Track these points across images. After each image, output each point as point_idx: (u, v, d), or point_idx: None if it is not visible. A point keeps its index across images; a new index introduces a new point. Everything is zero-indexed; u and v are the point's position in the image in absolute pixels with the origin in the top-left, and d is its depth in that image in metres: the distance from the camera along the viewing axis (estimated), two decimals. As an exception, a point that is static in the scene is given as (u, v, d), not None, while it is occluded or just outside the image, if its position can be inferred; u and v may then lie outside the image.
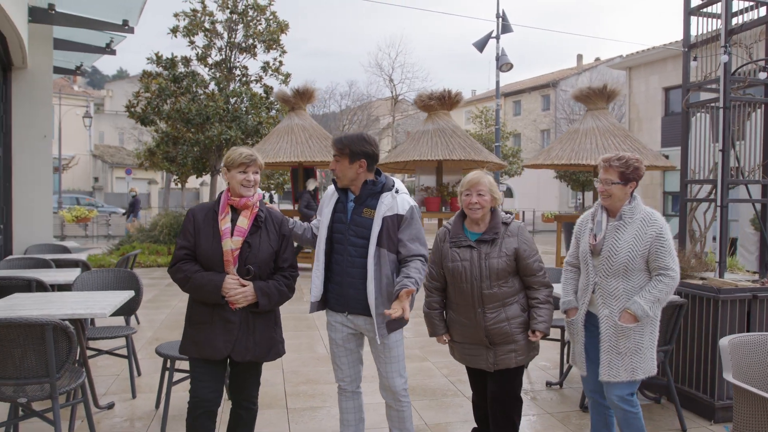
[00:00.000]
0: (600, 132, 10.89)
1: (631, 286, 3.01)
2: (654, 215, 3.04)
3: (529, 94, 42.32)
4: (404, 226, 2.96)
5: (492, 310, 3.01)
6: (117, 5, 6.73)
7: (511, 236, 3.04)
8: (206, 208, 2.95)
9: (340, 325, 3.08)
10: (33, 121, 6.95)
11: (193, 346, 2.87)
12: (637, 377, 3.02)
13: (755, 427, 2.41)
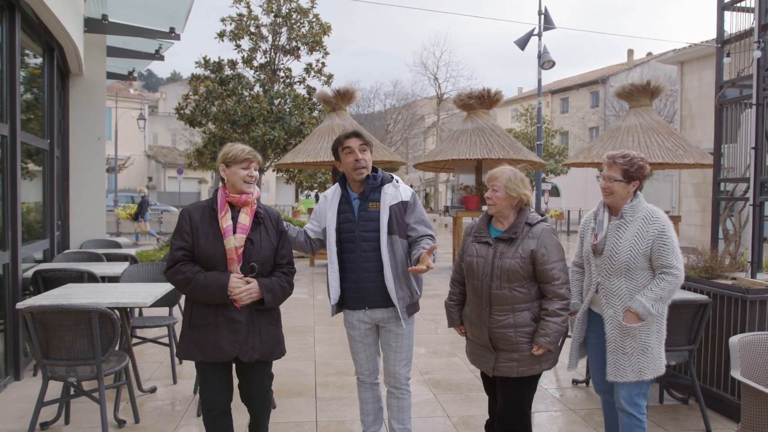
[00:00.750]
0: (643, 129, 10.66)
1: (634, 285, 2.95)
2: (656, 213, 2.95)
3: (577, 91, 41.39)
4: (409, 211, 3.09)
5: (499, 313, 2.91)
6: (164, 14, 7.11)
7: (532, 238, 2.90)
8: (202, 207, 2.87)
9: (358, 322, 3.16)
10: (88, 124, 7.42)
11: (197, 349, 2.76)
12: (645, 377, 2.94)
13: (763, 424, 2.42)
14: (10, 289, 4.62)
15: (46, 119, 5.96)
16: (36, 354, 3.37)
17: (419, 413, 4.13)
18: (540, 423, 3.98)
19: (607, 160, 3.03)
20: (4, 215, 4.58)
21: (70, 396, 3.72)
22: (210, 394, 2.84)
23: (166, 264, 2.80)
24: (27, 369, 4.82)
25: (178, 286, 2.79)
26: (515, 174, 2.98)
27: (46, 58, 5.90)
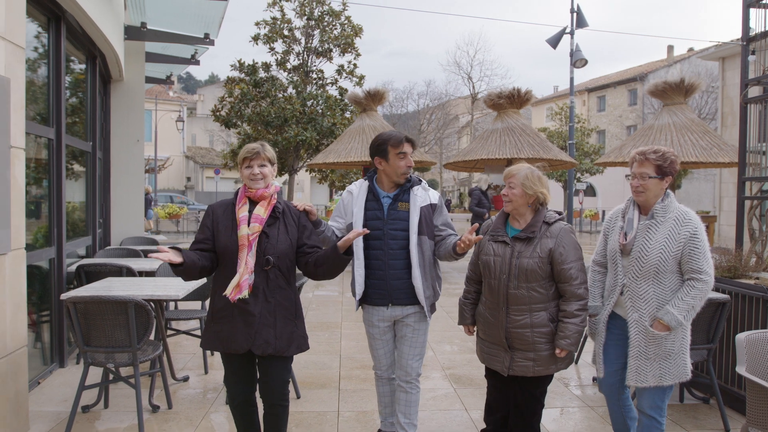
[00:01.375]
0: (676, 128, 10.50)
1: (662, 290, 2.85)
2: (689, 214, 2.85)
3: (614, 89, 40.56)
4: (437, 213, 3.20)
5: (517, 313, 2.90)
6: (199, 21, 7.41)
7: (550, 237, 2.88)
8: (225, 203, 2.97)
9: (379, 321, 3.24)
10: (128, 127, 7.78)
11: (218, 341, 2.86)
12: (665, 383, 2.87)
13: (767, 419, 2.46)
14: (55, 282, 4.94)
15: (89, 123, 6.30)
16: (78, 341, 3.63)
17: (438, 406, 4.25)
18: (557, 419, 4.04)
19: (638, 157, 2.91)
20: (50, 213, 4.89)
21: (108, 381, 3.97)
22: (232, 383, 2.95)
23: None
24: (71, 357, 5.13)
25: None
26: (532, 172, 2.95)
27: (89, 65, 6.23)
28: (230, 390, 2.98)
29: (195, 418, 3.93)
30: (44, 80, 4.81)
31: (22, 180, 3.62)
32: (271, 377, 2.89)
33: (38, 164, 4.80)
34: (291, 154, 15.93)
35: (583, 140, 30.72)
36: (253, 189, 2.87)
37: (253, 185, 2.87)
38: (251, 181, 2.87)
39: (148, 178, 33.05)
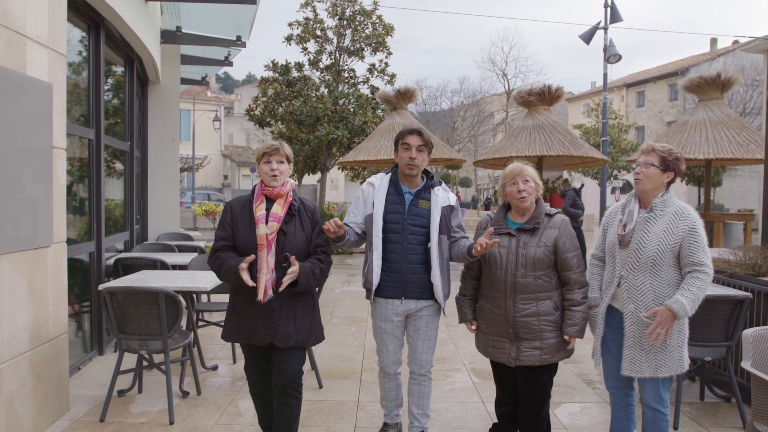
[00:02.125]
0: (712, 124, 10.25)
1: (658, 282, 2.87)
2: (687, 209, 2.89)
3: (654, 84, 39.53)
4: (453, 215, 3.27)
5: (524, 302, 3.00)
6: (231, 24, 7.66)
7: (553, 227, 3.02)
8: (242, 200, 3.03)
9: (393, 315, 3.26)
10: (164, 127, 8.11)
11: (240, 332, 2.96)
12: (660, 375, 2.89)
13: (771, 413, 2.48)
14: (94, 275, 5.23)
15: (127, 123, 6.62)
16: (113, 329, 3.88)
17: (456, 398, 4.34)
18: (573, 413, 4.09)
19: (646, 147, 2.98)
20: (90, 210, 5.19)
21: (142, 367, 4.22)
22: (252, 373, 3.08)
23: (209, 253, 3.01)
24: (109, 346, 5.43)
25: (215, 272, 2.98)
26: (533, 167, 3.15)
27: (127, 68, 6.54)
28: (250, 379, 3.12)
29: (222, 404, 4.13)
30: (85, 84, 5.10)
31: (63, 178, 3.88)
32: (286, 367, 2.97)
33: (79, 163, 5.10)
34: (323, 152, 16.14)
35: (620, 137, 30.09)
36: (270, 186, 2.94)
37: (271, 182, 2.94)
38: (269, 176, 2.93)
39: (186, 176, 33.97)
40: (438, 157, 13.15)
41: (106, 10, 4.99)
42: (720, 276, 4.50)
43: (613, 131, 29.26)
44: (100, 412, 3.84)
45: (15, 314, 3.31)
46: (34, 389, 3.50)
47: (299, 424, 3.10)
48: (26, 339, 3.43)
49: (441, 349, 5.62)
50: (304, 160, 16.47)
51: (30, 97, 3.42)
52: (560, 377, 4.85)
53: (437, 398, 4.31)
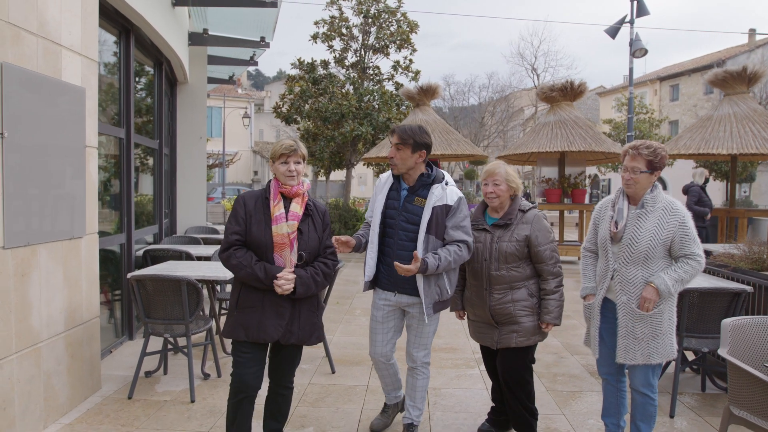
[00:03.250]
0: (737, 118, 10.12)
1: (649, 274, 3.00)
2: (675, 204, 3.00)
3: (688, 77, 38.59)
4: (451, 215, 3.18)
5: (499, 291, 3.21)
6: (255, 26, 7.96)
7: (525, 223, 3.20)
8: (256, 196, 3.01)
9: (384, 303, 3.30)
10: (192, 125, 8.48)
11: (243, 329, 2.90)
12: (653, 361, 3.01)
13: (745, 396, 2.62)
14: (125, 265, 5.59)
15: (156, 122, 6.97)
16: (140, 313, 4.20)
17: (461, 385, 4.54)
18: (575, 400, 4.24)
19: (631, 152, 3.03)
20: (121, 204, 5.54)
21: (167, 350, 4.54)
22: (242, 377, 2.91)
23: (221, 247, 2.97)
24: (138, 331, 5.79)
25: (232, 270, 2.92)
26: (508, 167, 3.28)
27: (156, 70, 6.89)
28: (236, 383, 2.93)
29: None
30: (116, 86, 5.44)
31: (95, 174, 4.21)
32: (285, 361, 3.06)
33: (113, 161, 5.45)
34: (348, 148, 16.41)
35: (650, 132, 29.57)
36: (288, 185, 2.95)
37: (288, 182, 2.95)
38: (286, 177, 2.94)
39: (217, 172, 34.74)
40: (460, 153, 13.29)
41: (135, 17, 5.31)
42: (724, 270, 4.58)
43: (643, 126, 28.75)
44: (128, 390, 4.17)
45: (52, 298, 3.64)
46: (69, 367, 3.84)
47: (311, 406, 3.34)
48: (62, 321, 3.76)
49: (453, 340, 5.83)
50: (330, 156, 16.77)
51: (65, 101, 3.75)
52: (566, 367, 5.01)
53: (443, 384, 4.52)
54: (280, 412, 3.16)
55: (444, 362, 5.11)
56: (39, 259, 3.50)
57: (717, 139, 10.00)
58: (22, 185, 3.31)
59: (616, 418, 3.30)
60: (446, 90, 43.66)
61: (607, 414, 3.34)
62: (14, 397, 3.28)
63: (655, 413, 3.16)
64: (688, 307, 3.91)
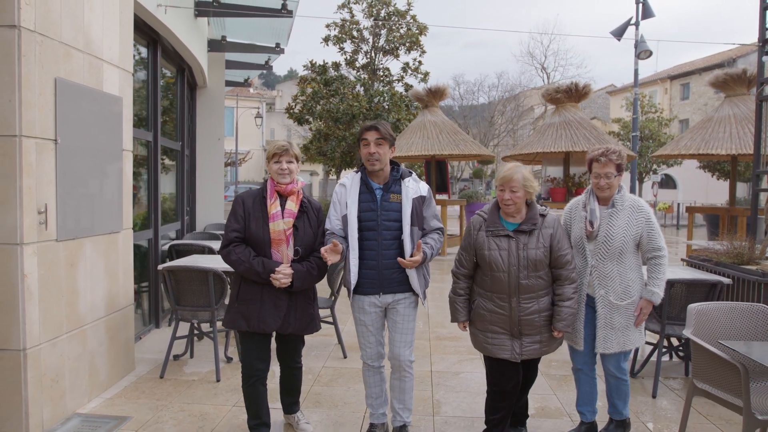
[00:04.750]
0: (737, 120, 10.40)
1: (623, 268, 3.23)
2: (640, 202, 3.28)
3: (699, 76, 38.56)
4: (426, 205, 3.26)
5: (527, 301, 3.09)
6: (271, 33, 8.39)
7: (548, 227, 3.11)
8: (253, 195, 3.17)
9: (370, 306, 3.28)
10: (210, 127, 8.92)
11: (244, 320, 3.12)
12: (627, 348, 3.28)
13: (707, 371, 2.99)
14: (152, 258, 6.03)
15: (179, 125, 7.42)
16: (170, 301, 4.63)
17: (462, 369, 4.92)
18: (569, 388, 4.61)
19: (602, 159, 3.21)
20: (149, 202, 5.98)
21: (193, 335, 4.97)
22: (250, 361, 3.17)
23: (222, 244, 3.16)
24: (164, 321, 6.24)
25: (232, 265, 3.11)
26: (525, 172, 3.12)
27: (179, 76, 7.34)
28: (247, 368, 3.21)
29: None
30: (144, 92, 5.88)
31: (130, 175, 4.65)
32: (288, 347, 3.42)
33: (142, 162, 5.89)
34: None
35: (659, 131, 29.70)
36: (282, 184, 3.13)
37: (281, 180, 3.12)
38: (279, 175, 3.12)
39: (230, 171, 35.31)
40: (468, 153, 13.64)
41: (163, 29, 5.75)
42: (707, 264, 4.93)
43: (652, 125, 28.88)
44: (160, 371, 4.60)
45: (95, 286, 4.08)
46: (108, 349, 4.28)
47: (325, 385, 3.72)
48: (103, 307, 4.20)
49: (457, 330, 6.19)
50: (341, 155, 17.20)
51: (106, 109, 4.18)
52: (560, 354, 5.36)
53: (446, 368, 4.91)
54: (293, 387, 3.53)
55: (447, 349, 5.50)
56: (85, 251, 3.94)
57: (717, 140, 10.29)
58: (71, 185, 3.75)
59: (592, 405, 3.50)
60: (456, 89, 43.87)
61: (583, 403, 3.52)
62: (65, 372, 3.72)
63: (628, 391, 3.42)
64: (671, 298, 4.26)
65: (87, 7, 3.91)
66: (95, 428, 3.60)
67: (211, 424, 3.72)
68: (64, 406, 3.71)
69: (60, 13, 3.60)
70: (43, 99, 3.44)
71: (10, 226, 3.28)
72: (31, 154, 3.35)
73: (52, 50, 3.52)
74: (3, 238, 3.28)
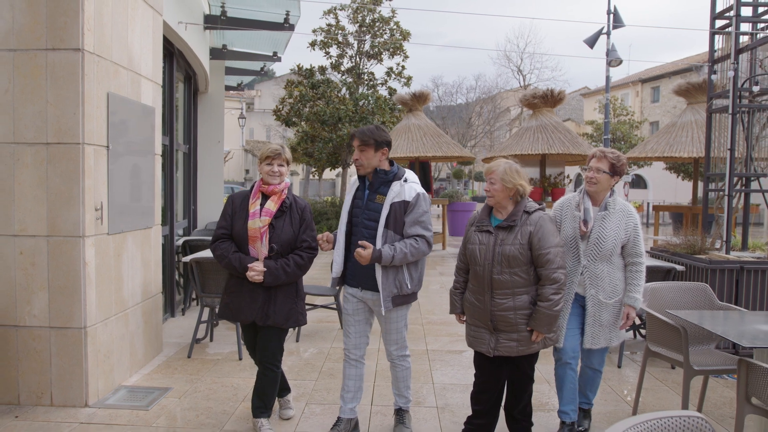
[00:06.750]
0: (698, 125, 11.29)
1: (611, 269, 3.35)
2: (629, 207, 3.38)
3: (668, 80, 40.05)
4: (409, 210, 3.24)
5: (501, 297, 3.09)
6: (270, 42, 8.94)
7: (530, 225, 3.08)
8: (243, 195, 3.36)
9: (352, 297, 3.41)
10: (211, 130, 9.43)
11: (229, 311, 3.41)
12: (613, 344, 3.43)
13: (657, 335, 3.69)
14: (168, 253, 6.56)
15: (186, 129, 7.93)
16: (197, 288, 5.19)
17: (454, 348, 5.58)
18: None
19: (598, 153, 3.34)
20: (166, 201, 6.50)
21: (213, 320, 5.53)
22: (247, 345, 3.67)
23: (211, 239, 3.44)
24: (178, 310, 6.77)
25: (217, 260, 3.37)
26: (510, 166, 3.13)
27: (186, 83, 7.85)
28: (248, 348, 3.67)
29: (275, 349, 5.43)
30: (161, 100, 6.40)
31: (159, 176, 5.19)
32: (265, 342, 3.42)
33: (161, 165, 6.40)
34: (344, 149, 17.42)
35: (630, 133, 30.92)
36: (270, 184, 3.31)
37: (271, 180, 3.32)
38: (269, 176, 3.31)
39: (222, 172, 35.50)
40: (450, 154, 14.35)
41: (180, 43, 6.29)
42: (665, 254, 5.68)
43: (624, 127, 30.06)
44: (187, 352, 5.17)
45: (134, 275, 4.63)
46: (144, 331, 4.82)
47: (335, 362, 4.29)
48: (140, 294, 4.74)
49: (447, 316, 6.86)
50: (327, 157, 17.76)
51: (144, 118, 4.73)
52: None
53: (440, 347, 5.57)
54: (263, 391, 3.48)
55: (440, 332, 6.16)
56: (127, 244, 4.49)
57: (680, 144, 11.17)
58: (118, 185, 4.30)
59: (575, 403, 3.48)
60: (435, 91, 44.69)
61: (567, 402, 3.46)
62: (113, 349, 4.27)
63: (599, 383, 3.66)
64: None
65: (130, 29, 4.46)
66: (144, 397, 4.16)
67: (243, 391, 4.30)
68: (113, 379, 4.26)
69: (111, 36, 4.15)
70: (99, 111, 3.99)
71: (74, 220, 3.83)
72: (90, 158, 3.90)
73: (105, 69, 4.07)
74: (69, 231, 3.83)
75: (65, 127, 3.79)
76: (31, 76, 3.78)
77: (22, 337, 3.89)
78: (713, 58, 5.76)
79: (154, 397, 4.15)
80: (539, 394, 4.34)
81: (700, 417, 1.54)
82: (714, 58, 5.76)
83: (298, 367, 4.93)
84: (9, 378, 3.91)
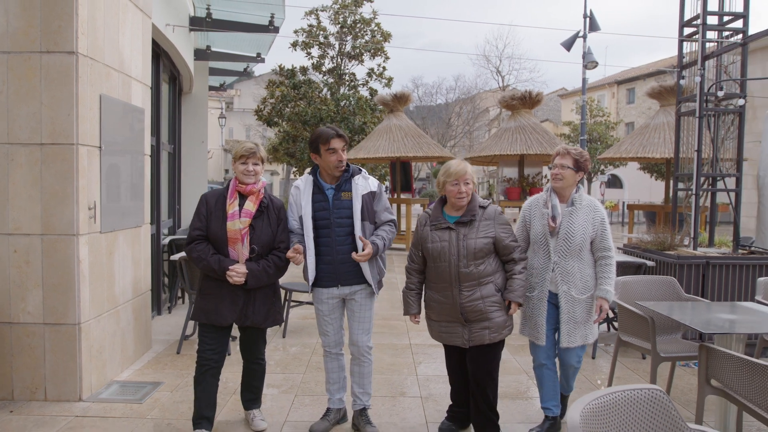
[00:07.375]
0: (670, 127, 11.67)
1: (582, 264, 3.39)
2: (595, 202, 3.44)
3: (644, 81, 40.91)
4: (377, 200, 3.42)
5: (468, 289, 3.19)
6: (253, 43, 9.06)
7: (488, 219, 3.24)
8: (217, 194, 3.28)
9: (328, 297, 3.47)
10: (195, 130, 9.51)
11: (203, 313, 3.28)
12: (589, 341, 3.46)
13: (628, 325, 3.93)
14: (154, 251, 6.64)
15: (171, 129, 8.01)
16: (186, 286, 5.31)
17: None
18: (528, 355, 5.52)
19: (562, 151, 3.43)
20: (152, 201, 6.58)
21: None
22: (203, 351, 3.35)
23: (186, 240, 3.34)
24: (164, 308, 6.85)
25: (193, 261, 3.27)
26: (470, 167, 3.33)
27: (171, 83, 7.93)
28: (201, 359, 3.35)
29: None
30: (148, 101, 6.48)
31: (148, 175, 5.30)
32: (249, 343, 3.53)
33: (144, 164, 6.49)
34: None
35: (607, 134, 31.57)
36: (245, 184, 3.25)
37: (246, 179, 3.25)
38: (244, 176, 3.25)
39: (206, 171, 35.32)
40: (430, 154, 14.58)
41: (166, 44, 6.39)
42: (636, 250, 5.95)
43: (600, 128, 30.68)
44: (175, 349, 5.28)
45: (125, 273, 4.73)
46: (134, 327, 4.92)
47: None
48: (130, 291, 4.84)
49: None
50: (308, 156, 17.87)
51: (134, 119, 4.83)
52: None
53: (423, 342, 5.76)
54: (252, 384, 3.62)
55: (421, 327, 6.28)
56: (119, 242, 4.59)
57: (653, 145, 11.55)
58: (110, 185, 4.40)
59: (556, 399, 3.55)
60: (415, 91, 45.03)
61: (548, 398, 3.55)
62: (105, 345, 4.37)
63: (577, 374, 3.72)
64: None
65: (121, 32, 4.56)
66: (136, 391, 4.27)
67: (232, 385, 4.43)
68: (105, 374, 4.36)
69: (103, 39, 4.25)
70: (92, 113, 4.09)
71: (68, 219, 3.93)
72: (84, 159, 4.00)
73: (98, 71, 4.17)
74: (63, 230, 3.93)
75: (59, 128, 3.89)
76: (25, 78, 3.87)
77: (16, 334, 3.98)
78: (682, 63, 6.05)
79: (146, 391, 4.26)
80: (517, 384, 4.56)
81: (657, 389, 1.75)
82: (683, 63, 6.05)
83: (285, 362, 5.08)
84: (3, 374, 4.00)
